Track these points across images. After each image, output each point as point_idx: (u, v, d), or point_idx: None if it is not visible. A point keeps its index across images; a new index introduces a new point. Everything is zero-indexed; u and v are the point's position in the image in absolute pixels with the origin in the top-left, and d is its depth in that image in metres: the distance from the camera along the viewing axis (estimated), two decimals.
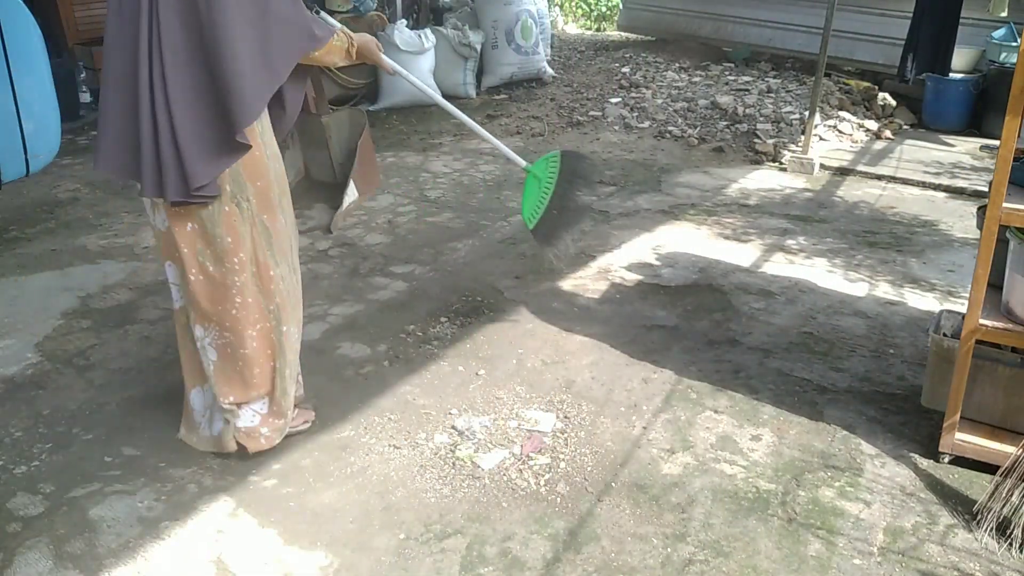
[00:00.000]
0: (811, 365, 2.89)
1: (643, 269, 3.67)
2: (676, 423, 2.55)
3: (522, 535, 2.09)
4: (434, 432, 2.50)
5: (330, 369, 2.84)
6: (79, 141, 5.63)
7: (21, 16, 3.62)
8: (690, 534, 2.09)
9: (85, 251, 3.83)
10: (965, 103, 6.02)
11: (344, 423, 2.54)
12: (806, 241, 4.03)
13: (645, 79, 7.13)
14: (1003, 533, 2.07)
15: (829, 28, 4.86)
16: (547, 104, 6.67)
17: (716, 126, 5.93)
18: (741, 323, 3.18)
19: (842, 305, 3.34)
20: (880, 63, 6.59)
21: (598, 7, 11.04)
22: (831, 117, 6.05)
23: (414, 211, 4.33)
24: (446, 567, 1.99)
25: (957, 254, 3.87)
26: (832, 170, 5.19)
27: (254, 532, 2.10)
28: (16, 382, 2.76)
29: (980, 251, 2.14)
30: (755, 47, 7.61)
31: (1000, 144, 2.03)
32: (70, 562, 1.99)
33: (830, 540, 2.08)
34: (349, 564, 2.00)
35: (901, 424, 2.55)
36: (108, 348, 2.98)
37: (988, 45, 5.96)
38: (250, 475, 2.30)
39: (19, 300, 3.34)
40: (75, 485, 2.26)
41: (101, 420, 2.55)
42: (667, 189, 4.82)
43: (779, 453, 2.41)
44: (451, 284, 3.49)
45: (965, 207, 4.53)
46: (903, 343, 3.04)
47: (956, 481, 2.29)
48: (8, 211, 4.31)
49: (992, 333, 2.18)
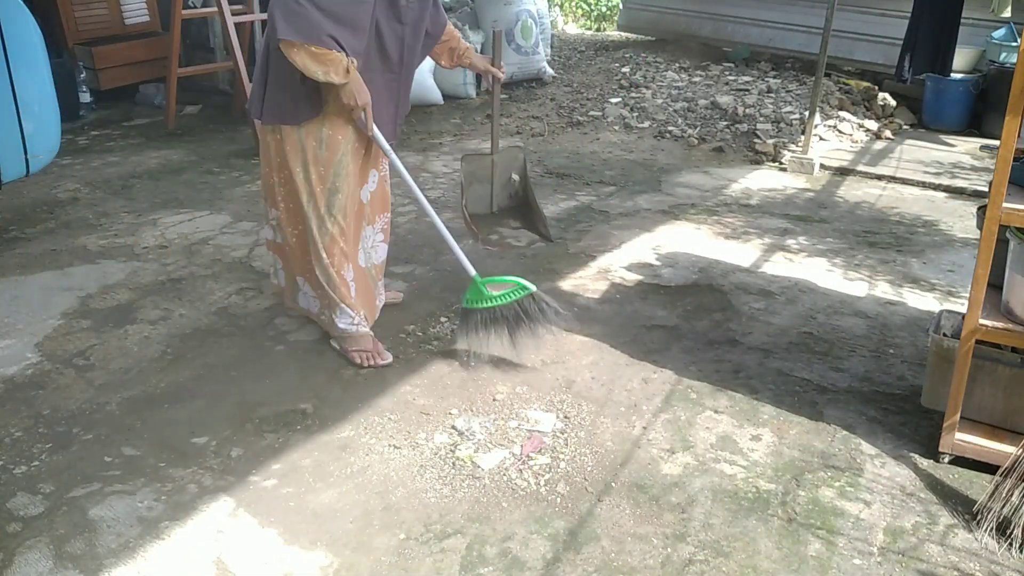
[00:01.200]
0: (811, 365, 2.89)
1: (643, 269, 3.67)
2: (676, 423, 2.55)
3: (522, 535, 2.09)
4: (434, 432, 2.50)
5: (330, 369, 2.84)
6: (79, 141, 5.63)
7: (21, 16, 3.62)
8: (690, 534, 2.09)
9: (85, 251, 3.83)
10: (965, 103, 6.02)
11: (344, 423, 2.54)
12: (806, 241, 4.03)
13: (645, 79, 7.13)
14: (1003, 533, 2.07)
15: (829, 28, 4.87)
16: (547, 104, 6.67)
17: (716, 126, 5.93)
18: (741, 323, 3.18)
19: (842, 305, 3.34)
20: (880, 63, 6.59)
21: (598, 7, 11.04)
22: (831, 117, 6.05)
23: (414, 211, 4.33)
24: (446, 567, 1.99)
25: (957, 254, 3.87)
26: (832, 170, 5.20)
27: (254, 532, 2.10)
28: (16, 382, 2.76)
29: (980, 251, 2.14)
30: (755, 47, 7.61)
31: (1000, 144, 2.03)
32: (70, 562, 1.99)
33: (830, 540, 2.08)
34: (349, 564, 2.00)
35: (901, 424, 2.55)
36: (108, 348, 2.98)
37: (988, 45, 5.97)
38: (250, 475, 2.30)
39: (19, 300, 3.34)
40: (75, 485, 2.26)
41: (101, 420, 2.56)
42: (667, 189, 4.82)
43: (779, 453, 2.41)
44: (451, 284, 3.49)
45: (965, 207, 4.53)
46: (903, 343, 3.04)
47: (956, 481, 2.29)
48: (8, 211, 4.31)
49: (992, 333, 2.18)
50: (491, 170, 3.24)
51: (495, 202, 3.25)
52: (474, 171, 3.30)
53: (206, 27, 6.58)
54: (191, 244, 3.91)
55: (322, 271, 2.80)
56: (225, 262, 3.71)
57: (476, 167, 3.30)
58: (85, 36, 6.25)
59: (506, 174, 3.26)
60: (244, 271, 3.63)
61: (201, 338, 3.05)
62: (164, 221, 4.21)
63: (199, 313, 3.24)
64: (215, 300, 3.35)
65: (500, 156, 3.26)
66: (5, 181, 3.72)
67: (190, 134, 5.88)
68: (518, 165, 3.30)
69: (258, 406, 2.63)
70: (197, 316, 3.22)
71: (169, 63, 5.77)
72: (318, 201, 2.72)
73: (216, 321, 3.18)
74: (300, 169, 2.71)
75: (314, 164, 2.70)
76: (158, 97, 6.52)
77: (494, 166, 3.23)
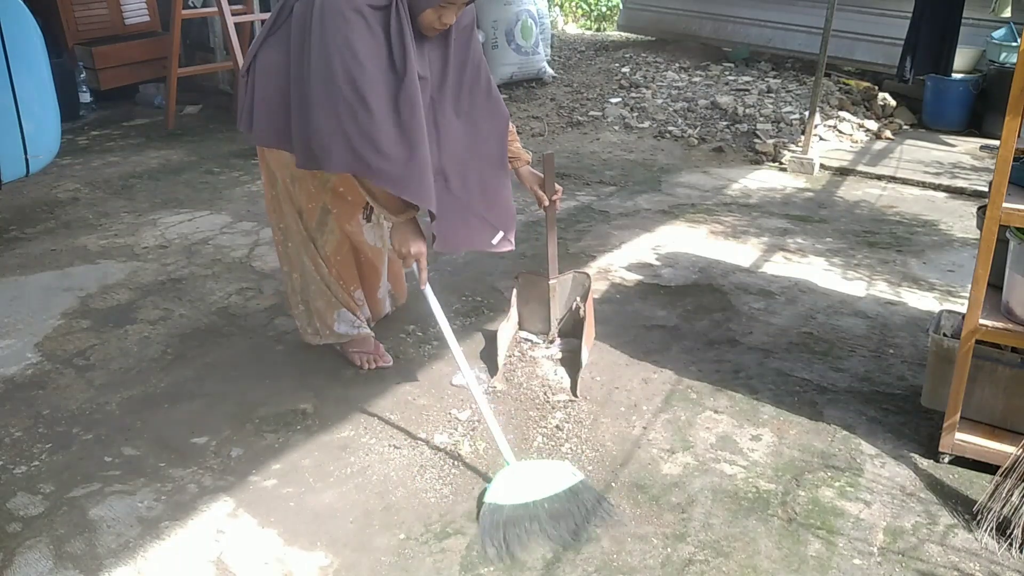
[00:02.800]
0: (811, 365, 2.89)
1: (643, 269, 3.67)
2: (676, 423, 2.55)
3: None
4: (434, 432, 2.50)
5: (330, 369, 2.84)
6: (79, 141, 5.63)
7: (21, 16, 3.62)
8: (690, 534, 2.09)
9: (85, 251, 3.83)
10: (965, 103, 6.02)
11: (344, 423, 2.54)
12: (806, 241, 4.03)
13: (645, 79, 7.13)
14: (1003, 533, 2.07)
15: (829, 28, 4.86)
16: (547, 104, 6.67)
17: (716, 126, 5.93)
18: (741, 323, 3.18)
19: (842, 305, 3.34)
20: (880, 63, 6.59)
21: (598, 7, 11.04)
22: (831, 117, 6.05)
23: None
24: (446, 567, 1.99)
25: (957, 254, 3.87)
26: (832, 170, 5.19)
27: (254, 532, 2.10)
28: (16, 382, 2.76)
29: (980, 251, 2.13)
30: (755, 47, 7.61)
31: (1000, 144, 2.02)
32: (70, 562, 1.99)
33: (830, 540, 2.08)
34: (349, 564, 2.00)
35: (901, 424, 2.55)
36: (108, 348, 2.98)
37: (988, 45, 5.97)
38: (250, 475, 2.31)
39: (19, 300, 3.34)
40: (75, 485, 2.26)
41: (101, 420, 2.56)
42: (667, 189, 4.82)
43: (779, 453, 2.41)
44: (451, 284, 3.49)
45: (965, 207, 4.53)
46: (903, 343, 3.04)
47: (956, 481, 2.29)
48: (8, 211, 4.31)
49: (992, 333, 2.18)
50: (548, 295, 2.95)
51: (552, 325, 2.99)
52: (529, 293, 3.01)
53: (206, 27, 6.58)
54: (191, 244, 3.91)
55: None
56: (225, 262, 3.71)
57: (532, 288, 3.00)
58: (85, 36, 6.25)
59: (570, 301, 3.00)
60: (244, 271, 3.63)
61: (201, 338, 3.05)
62: (164, 221, 4.21)
63: (199, 313, 3.24)
64: (215, 300, 3.35)
65: (560, 283, 2.97)
66: (5, 181, 3.72)
67: (190, 134, 5.89)
68: (582, 292, 2.99)
69: (258, 406, 2.63)
70: (197, 316, 3.22)
71: (169, 63, 5.77)
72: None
73: (216, 321, 3.18)
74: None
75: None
76: (158, 97, 6.53)
77: (552, 291, 2.94)
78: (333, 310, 2.77)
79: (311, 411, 2.61)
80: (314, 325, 2.79)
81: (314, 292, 2.73)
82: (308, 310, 2.78)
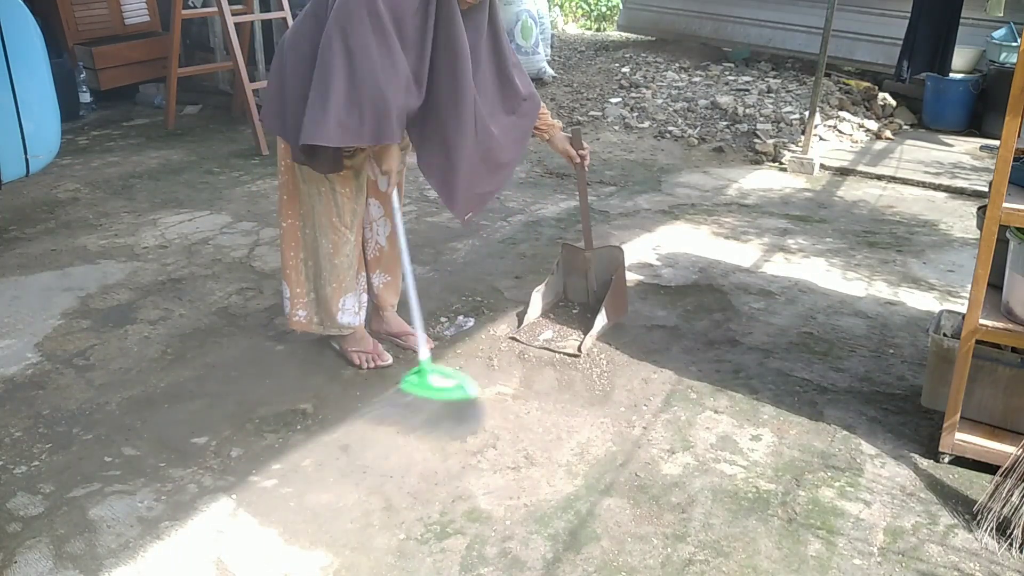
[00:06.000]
0: (811, 365, 2.89)
1: (643, 269, 3.67)
2: (676, 423, 2.55)
3: (522, 535, 2.09)
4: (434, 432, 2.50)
5: (330, 369, 2.84)
6: (79, 141, 5.63)
7: (21, 16, 3.62)
8: (690, 534, 2.09)
9: (85, 251, 3.83)
10: (965, 103, 6.02)
11: (344, 423, 2.54)
12: (806, 241, 4.03)
13: (645, 79, 7.13)
14: (1003, 533, 2.07)
15: (829, 28, 4.87)
16: (547, 104, 6.67)
17: (716, 126, 5.93)
18: (741, 323, 3.18)
19: (842, 305, 3.34)
20: (880, 63, 6.59)
21: (598, 7, 11.04)
22: (831, 117, 6.05)
23: (414, 211, 4.34)
24: (446, 567, 1.99)
25: (957, 254, 3.87)
26: (832, 170, 5.19)
27: (254, 532, 2.10)
28: (16, 382, 2.76)
29: (980, 251, 2.14)
30: (755, 47, 7.61)
31: (1000, 144, 2.03)
32: (70, 562, 1.99)
33: (830, 540, 2.08)
34: (349, 564, 2.00)
35: (901, 424, 2.55)
36: (108, 348, 2.98)
37: (988, 45, 5.97)
38: (250, 475, 2.31)
39: (19, 300, 3.34)
40: (75, 485, 2.26)
41: (101, 420, 2.56)
42: (667, 189, 4.82)
43: (779, 453, 2.41)
44: (451, 284, 3.49)
45: (965, 207, 4.53)
46: (903, 343, 3.04)
47: (956, 481, 2.29)
48: (8, 211, 4.31)
49: (992, 333, 2.18)
50: (586, 266, 3.11)
51: (591, 296, 3.14)
52: (570, 262, 3.19)
53: (206, 27, 6.58)
54: (191, 244, 3.91)
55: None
56: (225, 262, 3.71)
57: (572, 259, 3.18)
58: (85, 36, 6.25)
59: (605, 274, 3.12)
60: (244, 271, 3.63)
61: (201, 338, 3.05)
62: (164, 221, 4.21)
63: (199, 313, 3.24)
64: (215, 300, 3.35)
65: (596, 254, 3.11)
66: (5, 181, 3.72)
67: (190, 134, 5.89)
68: (616, 266, 3.09)
69: (258, 406, 2.63)
70: (197, 316, 3.22)
71: (169, 63, 5.77)
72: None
73: (216, 321, 3.18)
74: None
75: None
76: (158, 97, 6.53)
77: (588, 263, 3.10)
78: (339, 297, 2.75)
79: (311, 411, 2.61)
80: (320, 315, 2.81)
81: (326, 278, 2.73)
82: (317, 298, 2.79)
